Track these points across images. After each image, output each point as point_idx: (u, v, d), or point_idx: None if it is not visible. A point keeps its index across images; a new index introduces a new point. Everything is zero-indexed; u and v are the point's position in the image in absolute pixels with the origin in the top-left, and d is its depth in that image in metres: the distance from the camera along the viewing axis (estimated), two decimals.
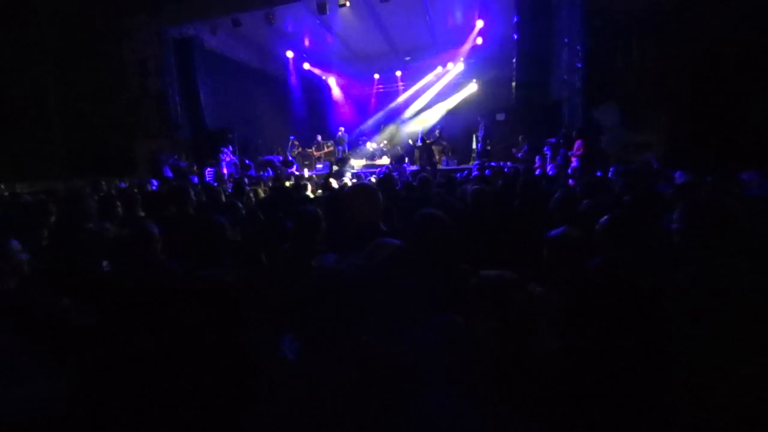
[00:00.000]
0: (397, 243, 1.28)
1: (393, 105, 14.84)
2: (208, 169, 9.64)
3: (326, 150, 13.52)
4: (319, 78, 14.77)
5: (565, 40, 8.34)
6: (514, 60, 9.50)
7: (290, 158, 12.37)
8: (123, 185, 7.06)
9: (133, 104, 10.44)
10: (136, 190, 4.65)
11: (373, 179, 6.47)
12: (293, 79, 14.18)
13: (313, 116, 15.34)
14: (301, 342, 1.16)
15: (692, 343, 1.37)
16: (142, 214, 2.93)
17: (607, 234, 1.90)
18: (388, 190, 3.88)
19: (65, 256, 1.87)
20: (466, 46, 12.69)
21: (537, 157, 8.51)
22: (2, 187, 8.64)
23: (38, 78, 10.56)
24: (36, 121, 10.59)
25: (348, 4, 8.99)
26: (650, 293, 1.59)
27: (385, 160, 12.76)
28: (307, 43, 13.11)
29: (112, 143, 10.33)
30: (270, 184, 7.16)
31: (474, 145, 11.67)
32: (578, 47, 8.04)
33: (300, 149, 13.51)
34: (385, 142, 13.68)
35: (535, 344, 1.14)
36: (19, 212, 2.81)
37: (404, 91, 14.74)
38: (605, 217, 1.94)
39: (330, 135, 14.00)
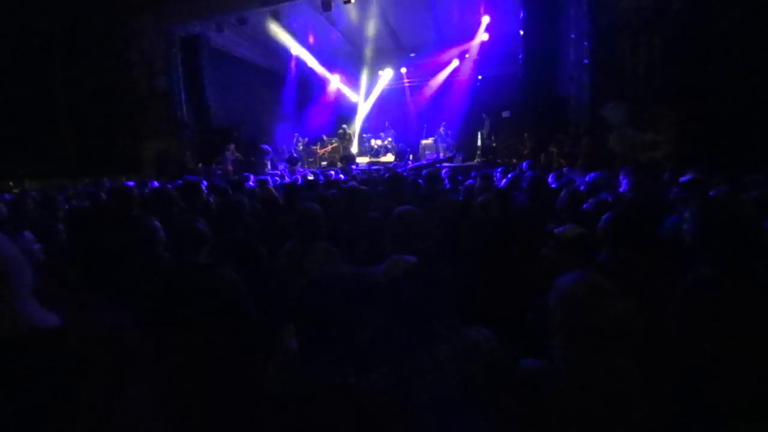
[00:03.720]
0: (413, 259, 1.26)
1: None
2: (213, 166, 9.71)
3: (330, 147, 13.54)
4: (319, 75, 14.76)
5: (572, 36, 8.26)
6: (520, 56, 9.42)
7: (295, 155, 12.43)
8: (131, 184, 7.12)
9: (140, 103, 10.53)
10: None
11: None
12: (294, 77, 14.19)
13: (316, 113, 15.35)
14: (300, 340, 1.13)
15: (708, 347, 1.36)
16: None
17: (608, 232, 1.90)
18: (399, 189, 3.86)
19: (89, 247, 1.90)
20: (472, 43, 12.60)
21: (543, 155, 8.45)
22: (11, 184, 8.78)
23: (46, 78, 10.69)
24: (44, 121, 10.73)
25: (353, 0, 8.98)
26: (660, 294, 1.58)
27: (390, 158, 12.75)
28: (311, 40, 13.11)
29: (119, 142, 10.44)
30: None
31: (479, 142, 11.62)
32: (585, 44, 7.96)
33: (304, 146, 13.55)
34: (390, 139, 13.67)
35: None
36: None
37: (410, 88, 14.69)
38: (606, 215, 1.94)
39: (334, 132, 14.02)
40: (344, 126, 13.71)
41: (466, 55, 13.11)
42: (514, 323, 1.49)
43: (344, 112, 15.15)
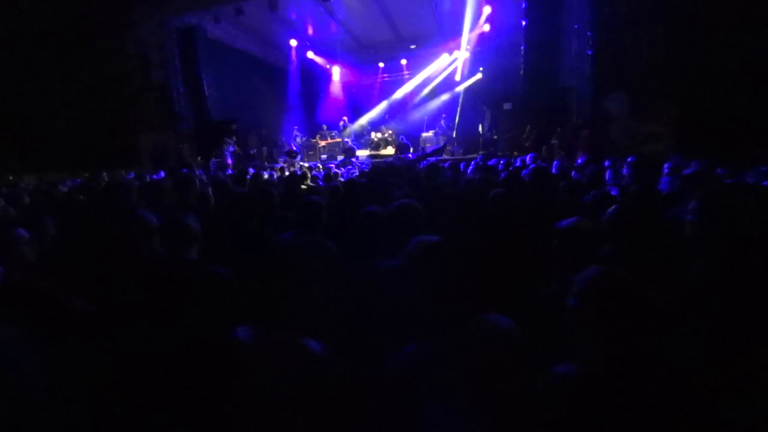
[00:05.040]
0: (435, 239, 1.24)
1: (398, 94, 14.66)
2: (213, 160, 9.66)
3: (330, 140, 13.46)
4: (322, 67, 14.63)
5: (575, 26, 8.14)
6: (522, 47, 9.30)
7: (295, 148, 12.36)
8: (131, 175, 7.07)
9: (137, 96, 10.43)
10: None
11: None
12: (296, 69, 14.05)
13: (316, 106, 15.26)
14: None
15: (707, 342, 1.33)
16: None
17: (614, 225, 1.85)
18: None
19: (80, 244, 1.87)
20: (473, 34, 12.44)
21: (544, 147, 8.38)
22: (11, 179, 8.73)
23: (43, 71, 10.57)
24: (41, 114, 10.64)
25: None
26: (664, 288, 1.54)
27: (390, 150, 12.67)
28: (310, 31, 12.96)
29: (117, 135, 10.35)
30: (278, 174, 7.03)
31: (480, 135, 11.54)
32: (588, 34, 7.84)
33: (303, 139, 13.47)
34: (390, 132, 13.57)
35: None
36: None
37: (409, 79, 14.55)
38: (612, 208, 1.90)
39: (334, 125, 13.93)
40: (345, 118, 13.61)
41: (467, 46, 12.95)
42: (521, 315, 1.46)
43: (343, 104, 15.05)
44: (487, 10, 11.54)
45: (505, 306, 1.36)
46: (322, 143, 13.35)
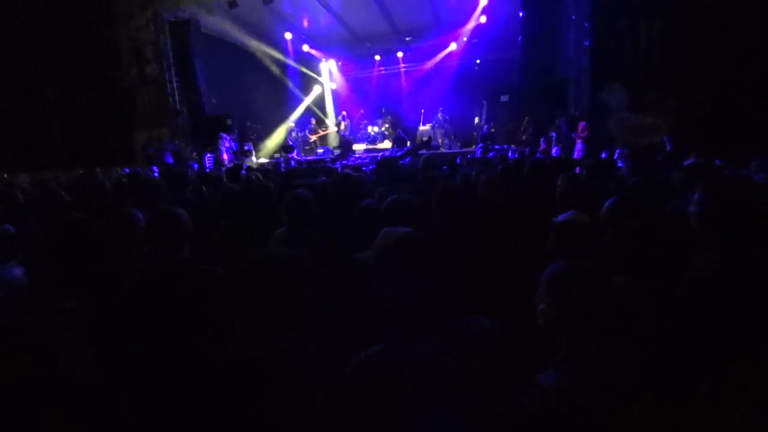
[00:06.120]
0: (405, 230, 1.15)
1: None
2: (208, 155, 9.56)
3: (321, 134, 13.37)
4: (317, 61, 14.48)
5: (572, 17, 8.06)
6: (519, 39, 9.21)
7: (290, 143, 12.28)
8: (127, 171, 6.98)
9: (131, 92, 10.29)
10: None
11: None
12: (291, 62, 13.89)
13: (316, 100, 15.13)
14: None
15: (711, 336, 1.31)
16: None
17: (612, 218, 1.83)
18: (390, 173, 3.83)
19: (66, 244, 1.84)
20: (470, 26, 12.31)
21: (542, 140, 8.34)
22: (6, 176, 8.63)
23: (35, 68, 10.42)
24: (34, 112, 10.51)
25: None
26: (665, 281, 1.51)
27: (387, 144, 12.60)
28: (305, 24, 12.79)
29: (111, 132, 10.24)
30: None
31: (477, 128, 11.49)
32: (586, 25, 7.76)
33: (299, 134, 13.39)
34: (387, 125, 13.47)
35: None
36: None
37: (406, 72, 14.42)
38: (610, 200, 1.88)
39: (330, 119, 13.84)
40: (344, 112, 13.50)
41: (464, 39, 12.83)
42: (514, 314, 1.43)
43: (339, 98, 14.93)
44: (483, 1, 11.41)
45: (497, 306, 1.32)
46: (313, 137, 13.24)
